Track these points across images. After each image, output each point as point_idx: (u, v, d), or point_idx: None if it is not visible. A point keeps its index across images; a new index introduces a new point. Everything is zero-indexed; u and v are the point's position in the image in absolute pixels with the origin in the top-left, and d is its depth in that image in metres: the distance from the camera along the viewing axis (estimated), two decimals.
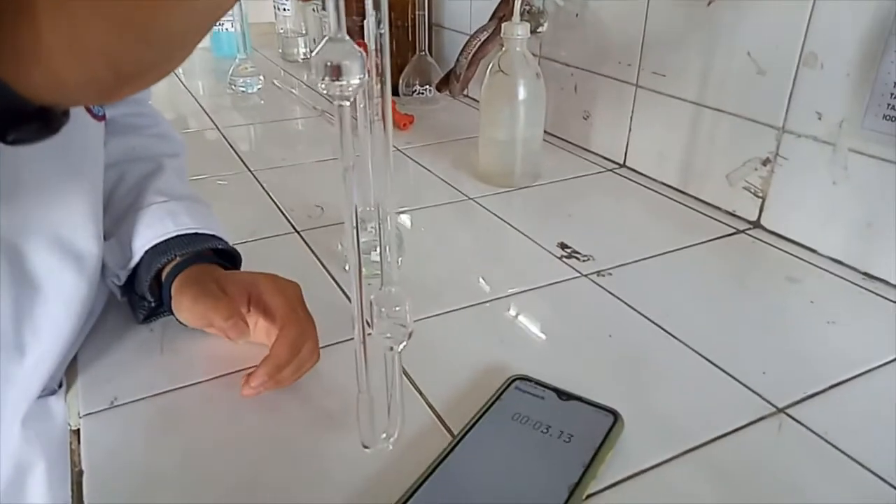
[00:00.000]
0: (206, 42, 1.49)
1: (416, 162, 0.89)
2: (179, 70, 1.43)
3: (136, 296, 0.51)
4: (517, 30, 0.74)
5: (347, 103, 0.32)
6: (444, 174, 0.84)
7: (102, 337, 0.50)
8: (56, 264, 0.43)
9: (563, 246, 0.65)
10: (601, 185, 0.82)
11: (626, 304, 0.56)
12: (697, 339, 0.51)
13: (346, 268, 0.62)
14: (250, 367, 0.44)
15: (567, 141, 0.95)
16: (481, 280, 0.60)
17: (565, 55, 0.92)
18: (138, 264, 0.50)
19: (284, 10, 1.40)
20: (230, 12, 1.13)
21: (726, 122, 0.71)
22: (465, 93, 1.02)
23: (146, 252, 0.49)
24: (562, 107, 0.93)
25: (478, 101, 1.15)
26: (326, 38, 0.29)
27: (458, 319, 0.54)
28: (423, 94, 1.12)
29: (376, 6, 0.31)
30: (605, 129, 0.89)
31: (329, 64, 0.29)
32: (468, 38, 0.95)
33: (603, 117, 0.89)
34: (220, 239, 0.52)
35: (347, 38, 0.30)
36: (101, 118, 0.49)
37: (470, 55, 0.94)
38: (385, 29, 0.31)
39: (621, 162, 0.86)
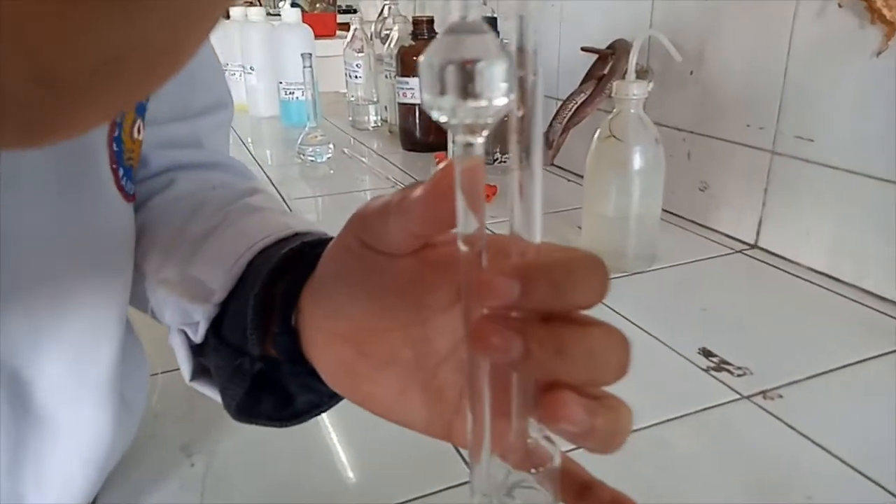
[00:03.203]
0: (275, 110, 1.44)
1: None
2: (248, 139, 1.39)
3: (229, 351, 0.31)
4: (632, 89, 0.63)
5: (480, 139, 0.19)
6: None
7: (124, 481, 0.39)
8: (70, 395, 0.32)
9: (706, 353, 0.51)
10: (732, 269, 0.68)
11: (816, 444, 0.41)
12: None
13: None
14: None
15: (679, 216, 0.81)
16: None
17: (675, 118, 0.80)
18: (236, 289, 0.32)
19: (356, 77, 1.34)
20: (302, 80, 1.07)
21: None
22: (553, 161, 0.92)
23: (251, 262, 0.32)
24: (672, 176, 0.80)
25: (567, 171, 1.05)
26: (448, 25, 0.17)
27: (594, 461, 0.40)
28: (505, 162, 1.01)
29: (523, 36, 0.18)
30: (729, 203, 0.75)
31: (456, 66, 0.16)
32: (562, 101, 0.85)
33: (726, 189, 0.76)
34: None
35: (485, 23, 0.17)
36: (132, 197, 0.35)
37: (565, 120, 0.83)
38: (539, 73, 0.18)
39: (752, 242, 0.72)
